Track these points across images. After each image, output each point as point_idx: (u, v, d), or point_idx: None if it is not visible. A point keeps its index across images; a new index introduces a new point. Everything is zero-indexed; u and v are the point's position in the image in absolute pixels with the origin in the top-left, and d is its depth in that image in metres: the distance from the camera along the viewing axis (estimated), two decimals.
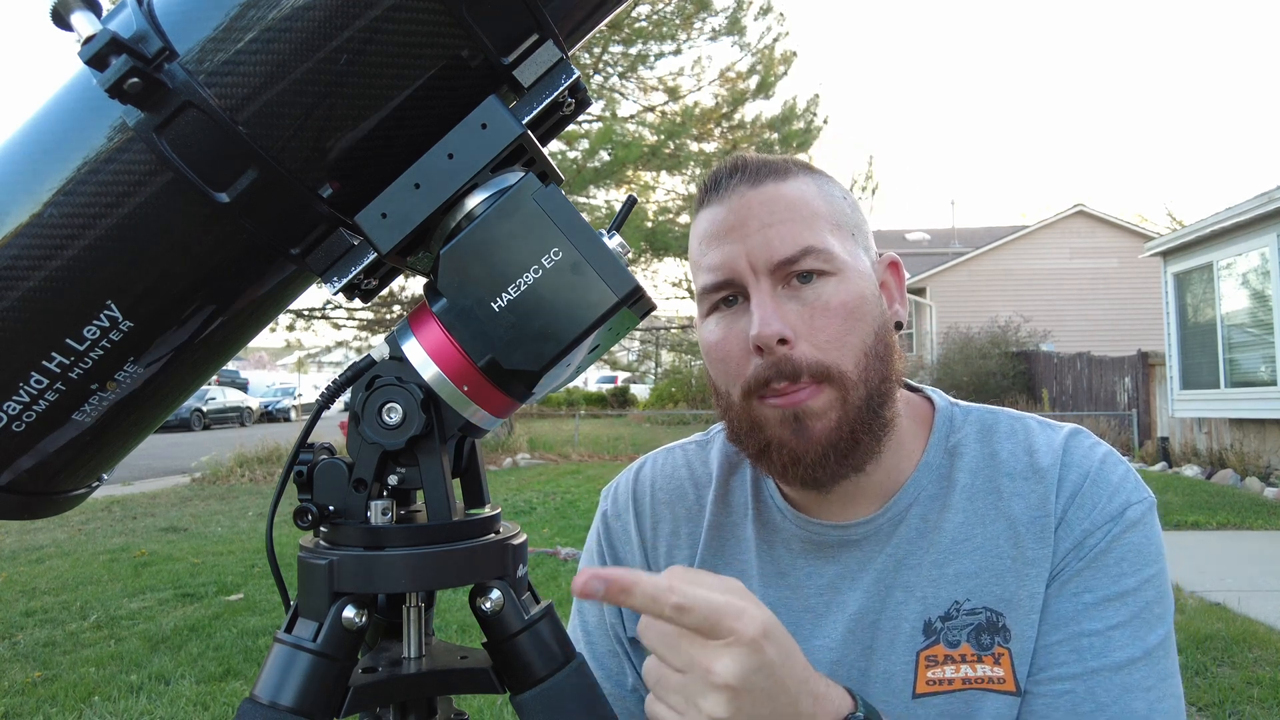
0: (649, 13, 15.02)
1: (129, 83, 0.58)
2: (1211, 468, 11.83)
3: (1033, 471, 0.91)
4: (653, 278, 18.40)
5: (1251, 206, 10.84)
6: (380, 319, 15.65)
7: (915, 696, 0.88)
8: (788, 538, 0.98)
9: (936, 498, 0.93)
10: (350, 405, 0.67)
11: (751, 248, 0.87)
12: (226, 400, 29.83)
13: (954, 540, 0.91)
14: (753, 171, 0.91)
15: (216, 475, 13.54)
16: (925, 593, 0.90)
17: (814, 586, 0.95)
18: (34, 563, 7.35)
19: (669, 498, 1.06)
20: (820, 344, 0.86)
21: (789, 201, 0.88)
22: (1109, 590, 0.86)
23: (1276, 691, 4.00)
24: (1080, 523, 0.88)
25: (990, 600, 0.88)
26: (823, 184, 0.93)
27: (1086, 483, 0.89)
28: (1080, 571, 0.87)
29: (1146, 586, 0.86)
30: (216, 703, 4.08)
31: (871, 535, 0.93)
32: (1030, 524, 0.89)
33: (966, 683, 0.87)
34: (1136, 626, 0.85)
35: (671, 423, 21.99)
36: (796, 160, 0.95)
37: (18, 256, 0.65)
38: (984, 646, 0.87)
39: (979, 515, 0.91)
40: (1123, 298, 21.93)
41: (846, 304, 0.87)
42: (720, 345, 0.90)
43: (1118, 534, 0.87)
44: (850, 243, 0.91)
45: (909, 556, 0.92)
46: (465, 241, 0.64)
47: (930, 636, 0.89)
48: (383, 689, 0.69)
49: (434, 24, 0.62)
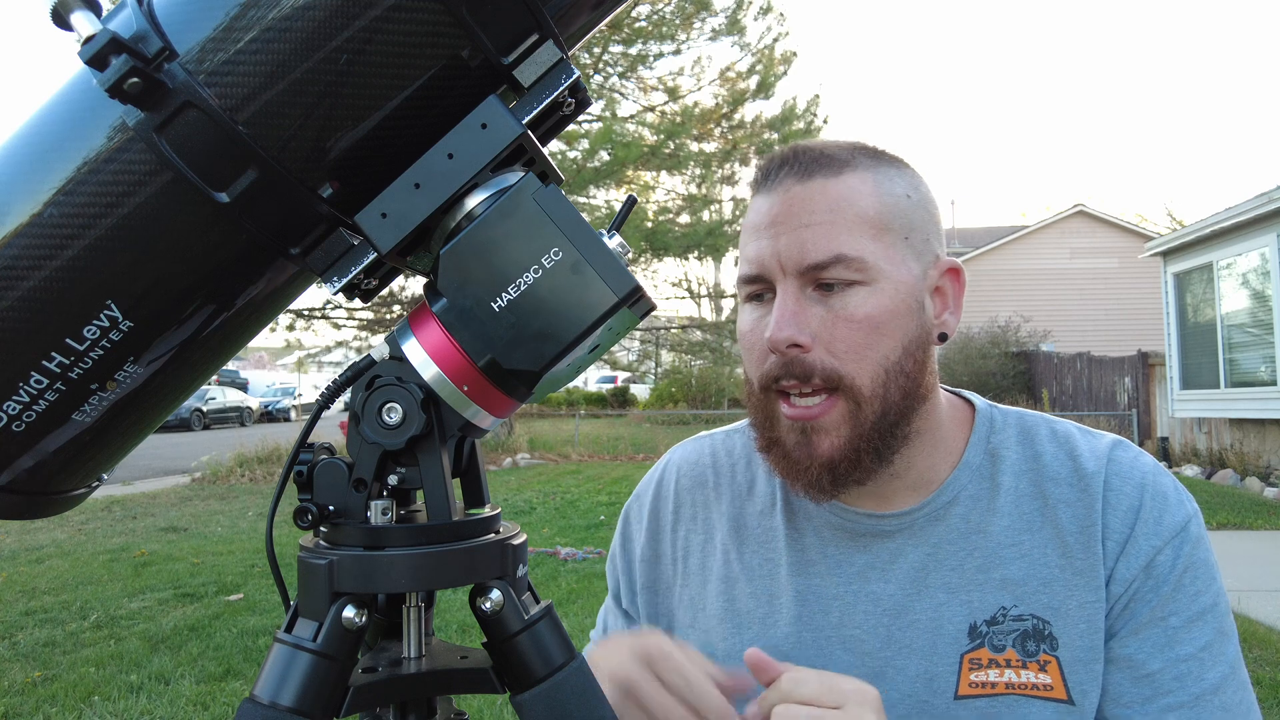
0: (649, 13, 15.02)
1: (129, 83, 0.58)
2: (1211, 468, 11.83)
3: (1078, 478, 0.91)
4: (653, 278, 18.39)
5: (1251, 206, 10.84)
6: (380, 319, 15.65)
7: (957, 698, 0.88)
8: (819, 525, 0.98)
9: (980, 499, 0.93)
10: (350, 405, 0.67)
11: (783, 247, 0.86)
12: (226, 400, 29.83)
13: (1000, 545, 0.91)
14: (805, 165, 0.89)
15: (216, 475, 13.54)
16: (970, 596, 0.90)
17: (843, 575, 0.95)
18: (34, 563, 7.35)
19: (691, 484, 1.08)
20: (838, 352, 0.85)
21: (832, 202, 0.86)
22: (1191, 610, 0.87)
23: (1276, 691, 4.00)
24: (1147, 539, 0.88)
25: (1037, 608, 0.88)
26: (884, 179, 0.89)
27: (1146, 498, 0.90)
28: (1165, 596, 0.87)
29: (1219, 599, 0.89)
30: (216, 703, 4.09)
31: (906, 528, 0.93)
32: (1078, 534, 0.89)
33: (1010, 687, 0.87)
34: (1221, 642, 0.87)
35: (671, 423, 22.00)
36: (864, 149, 0.92)
37: (18, 256, 0.65)
38: (1029, 653, 0.87)
39: (1026, 522, 0.91)
40: (1123, 298, 21.93)
41: (872, 317, 0.85)
42: (748, 335, 0.91)
43: (1189, 553, 0.88)
44: (898, 248, 0.88)
45: (950, 556, 0.92)
46: (465, 241, 0.64)
47: (975, 640, 0.89)
48: (383, 689, 0.69)
49: (434, 24, 0.62)
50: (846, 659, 0.92)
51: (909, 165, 0.94)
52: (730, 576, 1.01)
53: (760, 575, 0.99)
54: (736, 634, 0.98)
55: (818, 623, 0.94)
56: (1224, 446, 12.06)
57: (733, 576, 1.01)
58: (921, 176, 0.94)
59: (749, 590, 0.99)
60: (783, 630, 0.95)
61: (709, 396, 24.69)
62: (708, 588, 1.02)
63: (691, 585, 1.03)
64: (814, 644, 0.94)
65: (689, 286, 22.86)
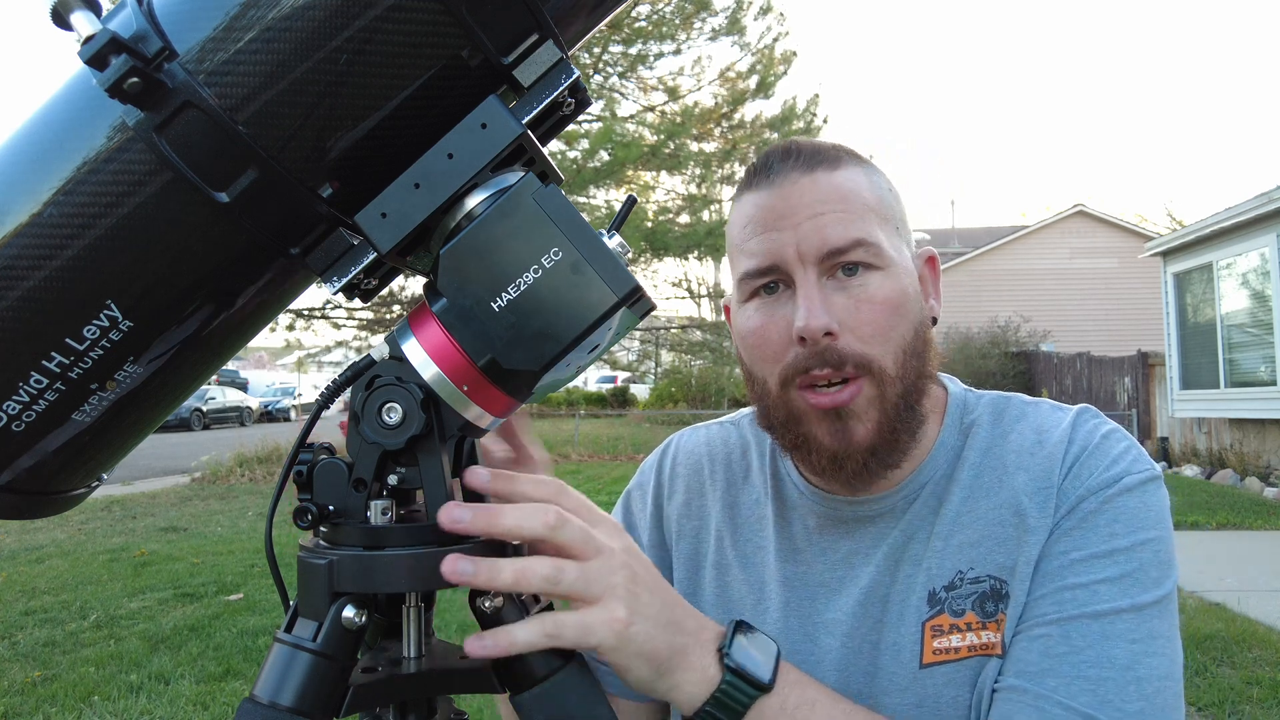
0: (649, 13, 15.01)
1: (129, 82, 0.58)
2: (1211, 468, 11.83)
3: (1039, 446, 0.91)
4: (653, 278, 18.37)
5: (1251, 206, 10.84)
6: (380, 319, 15.64)
7: (923, 666, 0.88)
8: (804, 513, 0.99)
9: (946, 475, 0.94)
10: (350, 405, 0.67)
11: (802, 236, 0.86)
12: (226, 400, 29.83)
13: (958, 513, 0.91)
14: (806, 157, 0.90)
15: (216, 475, 13.54)
16: (930, 564, 0.91)
17: (828, 561, 0.96)
18: (34, 563, 7.35)
19: (686, 471, 1.10)
20: (865, 337, 0.86)
21: (842, 192, 0.88)
22: (1098, 548, 0.83)
23: (1276, 691, 4.00)
24: (1076, 489, 0.87)
25: (993, 568, 0.88)
26: (872, 175, 0.92)
27: (1085, 453, 0.88)
28: (1070, 531, 0.85)
29: (1141, 548, 0.83)
30: (216, 702, 4.09)
31: (887, 512, 0.95)
32: (1034, 494, 0.88)
33: (972, 650, 0.87)
34: (1126, 584, 0.81)
35: (671, 423, 21.98)
36: (847, 149, 0.94)
37: (17, 256, 0.65)
38: (988, 614, 0.87)
39: (983, 488, 0.92)
40: (1123, 298, 21.93)
41: (891, 299, 0.87)
42: (759, 331, 0.90)
43: (1111, 496, 0.85)
44: (895, 237, 0.91)
45: (918, 532, 0.93)
46: (465, 241, 0.64)
47: (935, 606, 0.89)
48: (383, 689, 0.69)
49: (434, 24, 0.62)
50: (831, 643, 0.93)
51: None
52: (724, 563, 1.02)
53: (752, 563, 1.01)
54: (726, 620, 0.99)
55: (805, 609, 0.96)
56: (1224, 446, 12.06)
57: (726, 563, 1.02)
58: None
59: (742, 577, 1.01)
60: (771, 616, 0.97)
61: (709, 396, 24.69)
62: (701, 574, 1.04)
63: (682, 570, 1.06)
64: (800, 629, 0.95)
65: (689, 286, 22.84)
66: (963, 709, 0.86)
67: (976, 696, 0.85)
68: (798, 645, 0.95)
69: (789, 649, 0.94)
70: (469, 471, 0.68)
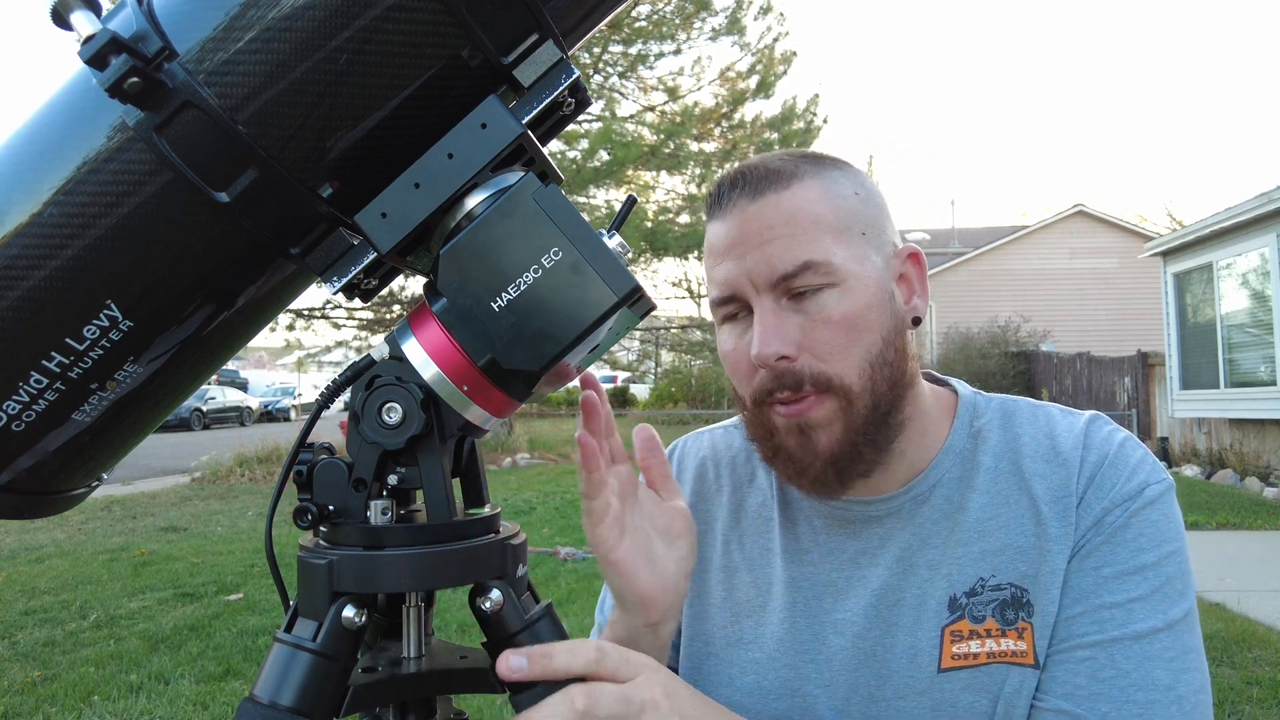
0: (649, 13, 15.02)
1: (129, 82, 0.58)
2: (1211, 468, 11.83)
3: (1054, 454, 0.93)
4: (653, 277, 18.42)
5: (1251, 207, 10.84)
6: (380, 319, 15.65)
7: (940, 671, 0.89)
8: (810, 514, 1.00)
9: (961, 479, 0.95)
10: (350, 405, 0.67)
11: (751, 265, 0.88)
12: (226, 400, 29.82)
13: (979, 520, 0.93)
14: (753, 183, 0.91)
15: (216, 475, 13.54)
16: (950, 570, 0.92)
17: (835, 562, 0.97)
18: (34, 562, 7.35)
19: (692, 476, 1.10)
20: (822, 355, 0.88)
21: (787, 214, 0.88)
22: (1128, 564, 0.86)
23: (1276, 691, 4.00)
24: (1099, 501, 0.89)
25: (1015, 576, 0.90)
26: (830, 183, 0.92)
27: (1105, 464, 0.90)
28: (1099, 546, 0.88)
29: (1166, 562, 0.87)
30: (216, 702, 4.09)
31: (895, 512, 0.95)
32: (1053, 504, 0.90)
33: (991, 657, 0.88)
34: (1158, 600, 0.85)
35: (671, 422, 21.98)
36: (805, 157, 0.94)
37: (17, 256, 0.65)
38: (1008, 621, 0.89)
39: (1003, 495, 0.93)
40: (1123, 298, 21.92)
41: (849, 316, 0.88)
42: (730, 355, 0.93)
43: (1136, 510, 0.88)
44: (858, 245, 0.90)
45: (933, 535, 0.94)
46: (465, 241, 0.64)
47: (955, 612, 0.90)
48: (383, 689, 0.70)
49: (434, 24, 0.62)
50: (839, 643, 0.94)
51: (850, 164, 0.96)
52: (730, 566, 1.03)
53: (759, 565, 1.02)
54: (734, 623, 1.00)
55: (811, 609, 0.96)
56: (1224, 446, 12.05)
57: (733, 566, 1.03)
58: (864, 173, 0.97)
59: (749, 579, 1.01)
60: (778, 617, 0.98)
61: (709, 396, 24.70)
62: (708, 577, 1.04)
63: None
64: (808, 629, 0.96)
65: (689, 286, 22.87)
66: (980, 715, 0.87)
67: (1004, 705, 0.86)
68: (806, 646, 0.95)
69: (797, 650, 0.95)
70: (504, 663, 0.67)
